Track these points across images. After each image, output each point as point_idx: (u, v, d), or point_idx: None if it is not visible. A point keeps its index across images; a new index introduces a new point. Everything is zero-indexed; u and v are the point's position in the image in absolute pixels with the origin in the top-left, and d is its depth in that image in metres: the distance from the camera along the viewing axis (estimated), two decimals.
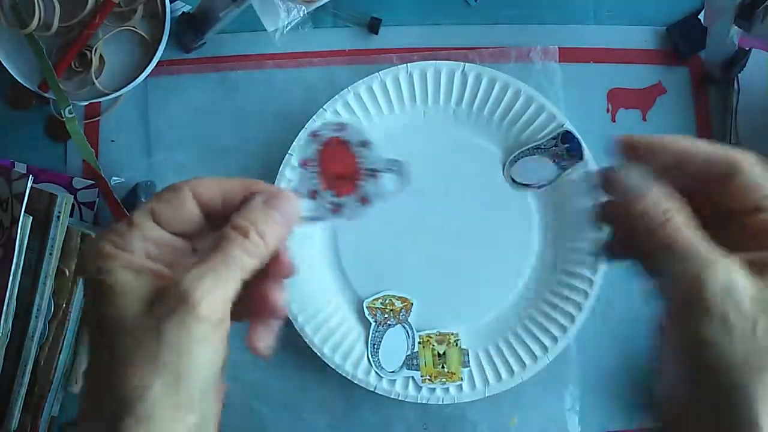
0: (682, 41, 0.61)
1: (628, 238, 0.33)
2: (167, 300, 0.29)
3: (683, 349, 0.29)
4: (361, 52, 0.63)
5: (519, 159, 0.59)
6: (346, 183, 0.39)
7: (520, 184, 0.59)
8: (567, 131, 0.56)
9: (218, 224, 0.33)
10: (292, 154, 0.59)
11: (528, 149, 0.58)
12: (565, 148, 0.56)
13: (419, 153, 0.60)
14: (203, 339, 0.29)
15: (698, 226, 0.31)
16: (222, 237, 0.31)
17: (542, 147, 0.57)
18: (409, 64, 0.59)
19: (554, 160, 0.56)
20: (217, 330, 0.30)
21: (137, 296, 0.30)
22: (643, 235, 0.31)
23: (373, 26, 0.62)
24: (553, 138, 0.56)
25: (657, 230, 0.31)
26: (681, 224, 0.30)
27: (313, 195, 0.39)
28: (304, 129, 0.58)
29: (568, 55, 0.62)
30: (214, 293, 0.29)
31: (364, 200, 0.39)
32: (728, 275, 0.28)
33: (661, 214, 0.31)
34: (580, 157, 0.56)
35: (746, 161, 0.31)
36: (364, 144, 0.40)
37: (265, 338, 0.35)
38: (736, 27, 0.51)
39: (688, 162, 0.32)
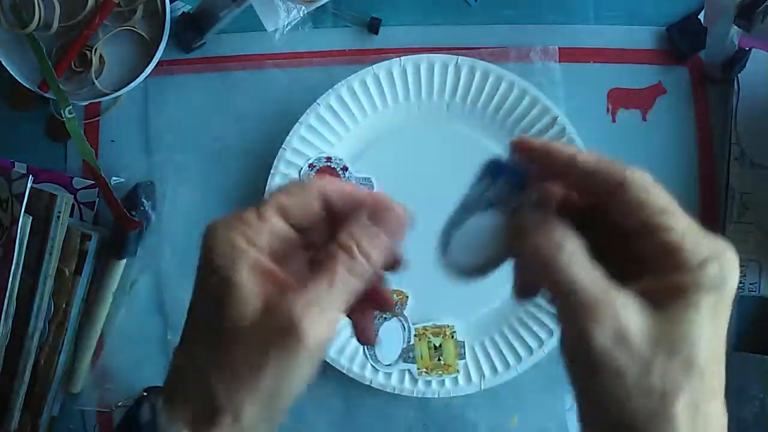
0: (682, 41, 0.61)
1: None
2: (277, 322, 0.29)
3: (579, 398, 0.29)
4: (361, 52, 0.63)
5: (451, 235, 0.36)
6: None
7: (469, 272, 0.35)
8: (491, 161, 0.34)
9: (334, 224, 0.33)
10: (285, 149, 0.59)
11: (459, 212, 0.35)
12: (504, 182, 0.33)
13: (414, 146, 0.61)
14: (305, 365, 0.30)
15: (589, 257, 0.29)
16: (328, 255, 0.31)
17: (474, 200, 0.34)
18: (402, 57, 0.59)
19: (499, 207, 0.33)
20: (319, 354, 0.30)
21: (254, 300, 0.30)
22: (537, 275, 0.30)
23: (373, 26, 0.62)
24: (481, 179, 0.34)
25: (546, 269, 0.29)
26: (569, 261, 0.28)
27: None
28: (299, 123, 0.59)
29: (568, 55, 0.62)
30: (321, 322, 0.29)
31: None
32: (619, 319, 0.27)
33: (551, 250, 0.29)
34: (522, 183, 0.33)
35: (634, 176, 0.29)
36: (344, 168, 0.58)
37: (371, 327, 0.37)
38: (736, 27, 0.51)
39: (575, 168, 0.30)
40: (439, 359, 0.59)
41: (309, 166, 0.59)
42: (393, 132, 0.61)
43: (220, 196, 0.63)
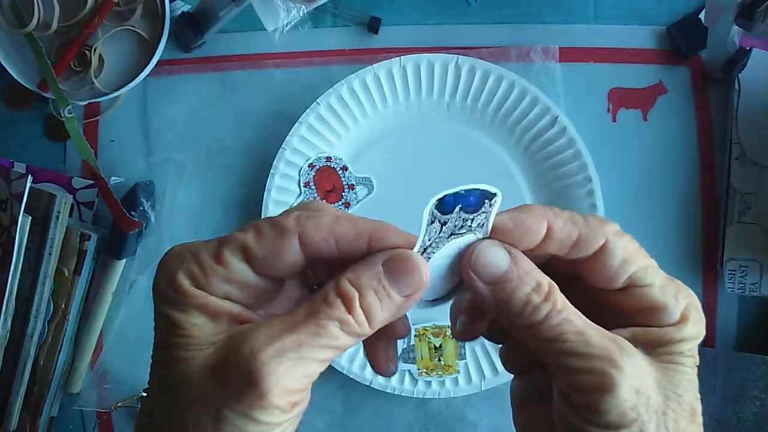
0: (682, 41, 0.61)
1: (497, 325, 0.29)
2: (232, 373, 0.24)
3: None
4: (361, 52, 0.63)
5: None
6: (334, 194, 0.59)
7: (434, 300, 0.30)
8: (438, 201, 0.27)
9: (333, 266, 0.27)
10: (285, 149, 0.59)
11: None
12: (459, 211, 0.27)
13: (414, 146, 0.61)
14: (271, 427, 0.24)
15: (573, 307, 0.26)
16: (321, 299, 0.25)
17: (433, 241, 0.28)
18: (402, 57, 0.59)
19: (460, 233, 0.28)
20: (289, 414, 0.25)
21: (210, 342, 0.25)
22: (520, 329, 0.26)
23: (373, 26, 0.62)
24: (432, 221, 0.27)
25: (538, 324, 0.26)
26: (567, 312, 0.26)
27: None
28: (298, 122, 0.59)
29: (568, 54, 0.62)
30: (292, 376, 0.24)
31: (347, 204, 0.59)
32: (639, 370, 0.25)
33: (540, 306, 0.26)
34: (478, 203, 0.27)
35: (613, 235, 0.27)
36: (344, 168, 0.59)
37: (392, 356, 0.31)
38: (736, 27, 0.51)
39: (554, 243, 0.27)
40: (439, 359, 0.59)
41: (309, 166, 0.59)
42: (393, 132, 0.61)
43: (220, 195, 0.63)
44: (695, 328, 0.27)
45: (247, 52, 0.64)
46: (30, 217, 0.58)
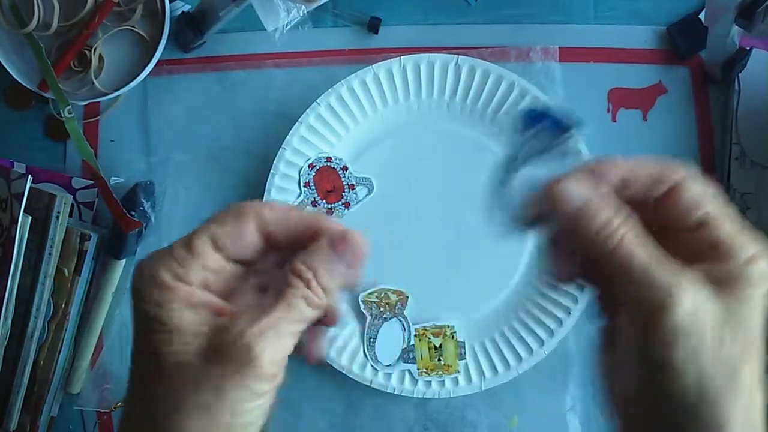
0: (682, 41, 0.61)
1: (575, 259, 0.32)
2: (228, 352, 0.28)
3: (644, 371, 0.28)
4: (361, 52, 0.63)
5: (508, 179, 0.34)
6: (334, 195, 0.59)
7: (520, 222, 0.33)
8: (528, 111, 0.33)
9: (280, 252, 0.32)
10: (285, 149, 0.59)
11: (508, 164, 0.33)
12: (544, 127, 0.32)
13: (414, 146, 0.61)
14: (261, 396, 0.29)
15: (652, 241, 0.29)
16: (286, 283, 0.30)
17: (521, 152, 0.33)
18: (402, 57, 0.59)
19: (544, 157, 0.32)
20: (273, 383, 0.29)
21: (195, 334, 0.28)
22: (594, 258, 0.29)
23: (373, 26, 0.62)
24: (523, 130, 0.33)
25: (610, 252, 0.29)
26: (636, 243, 0.29)
27: (313, 204, 0.57)
28: (298, 123, 0.59)
29: (568, 54, 0.62)
30: (276, 348, 0.28)
31: (347, 205, 0.59)
32: (694, 299, 0.27)
33: (613, 233, 0.29)
34: (565, 126, 0.32)
35: (686, 178, 0.30)
36: (344, 168, 0.59)
37: (320, 345, 0.34)
38: (736, 27, 0.51)
39: (633, 182, 0.30)
40: (439, 359, 0.59)
41: (309, 166, 0.59)
42: (393, 132, 0.61)
43: (220, 195, 0.63)
44: (762, 273, 0.28)
45: (247, 52, 0.64)
46: (30, 217, 0.58)
